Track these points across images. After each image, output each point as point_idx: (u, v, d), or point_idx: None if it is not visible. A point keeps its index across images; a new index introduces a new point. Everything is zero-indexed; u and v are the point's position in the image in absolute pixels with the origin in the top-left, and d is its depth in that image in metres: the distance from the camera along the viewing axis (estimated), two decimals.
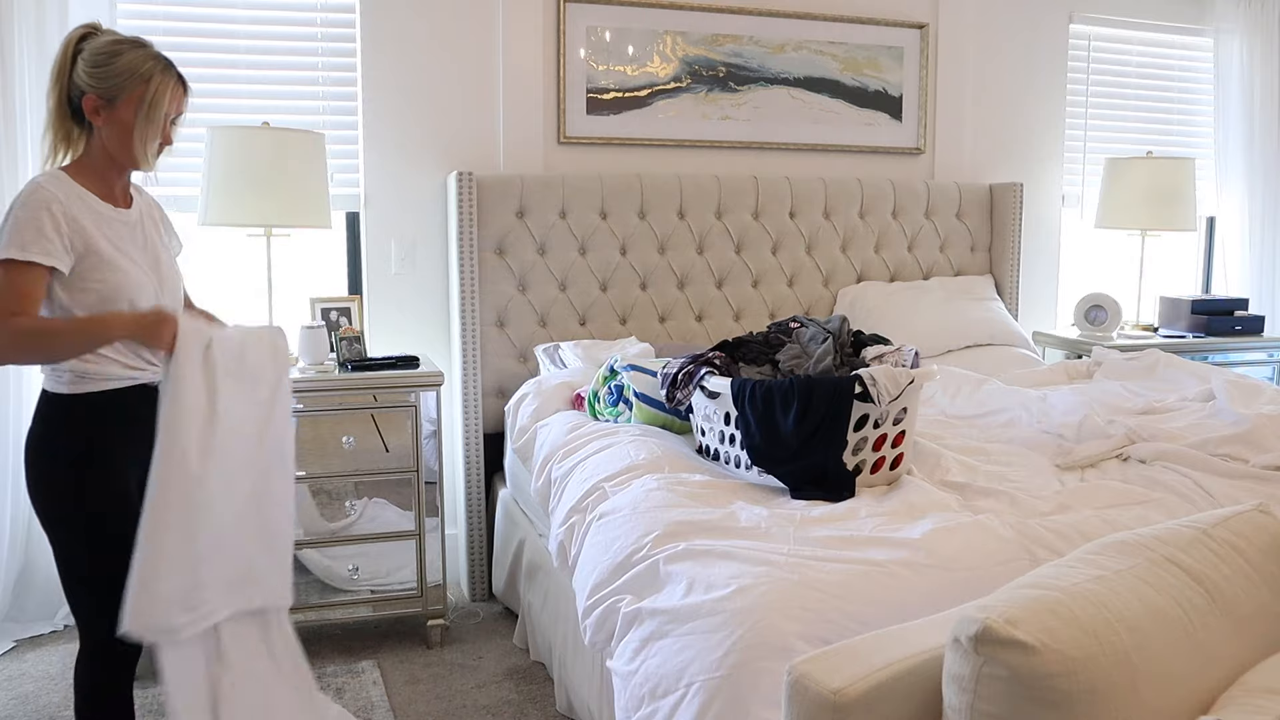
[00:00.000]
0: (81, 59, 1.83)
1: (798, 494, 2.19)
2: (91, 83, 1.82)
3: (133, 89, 1.83)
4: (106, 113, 1.83)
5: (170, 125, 1.92)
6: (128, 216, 1.91)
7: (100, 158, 1.87)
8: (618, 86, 3.62)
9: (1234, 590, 1.32)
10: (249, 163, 2.93)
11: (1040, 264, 4.34)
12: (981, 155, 4.20)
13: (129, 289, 1.84)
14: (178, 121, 1.94)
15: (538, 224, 3.41)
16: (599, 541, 2.09)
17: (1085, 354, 3.77)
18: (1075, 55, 4.35)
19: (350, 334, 3.06)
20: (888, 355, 2.46)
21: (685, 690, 1.66)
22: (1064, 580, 1.21)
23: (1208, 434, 2.52)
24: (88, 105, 1.83)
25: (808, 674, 1.26)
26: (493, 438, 3.39)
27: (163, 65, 1.86)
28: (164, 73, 1.86)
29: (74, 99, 1.85)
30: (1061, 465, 2.47)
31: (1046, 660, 1.09)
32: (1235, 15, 4.39)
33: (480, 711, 2.64)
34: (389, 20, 3.38)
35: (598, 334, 3.50)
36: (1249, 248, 4.47)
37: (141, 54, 1.85)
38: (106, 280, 1.81)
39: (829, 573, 1.77)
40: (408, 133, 3.44)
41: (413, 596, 3.03)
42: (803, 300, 3.79)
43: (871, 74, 3.93)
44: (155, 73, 1.84)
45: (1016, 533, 1.96)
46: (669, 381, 2.53)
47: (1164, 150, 4.42)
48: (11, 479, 3.04)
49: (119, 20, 3.12)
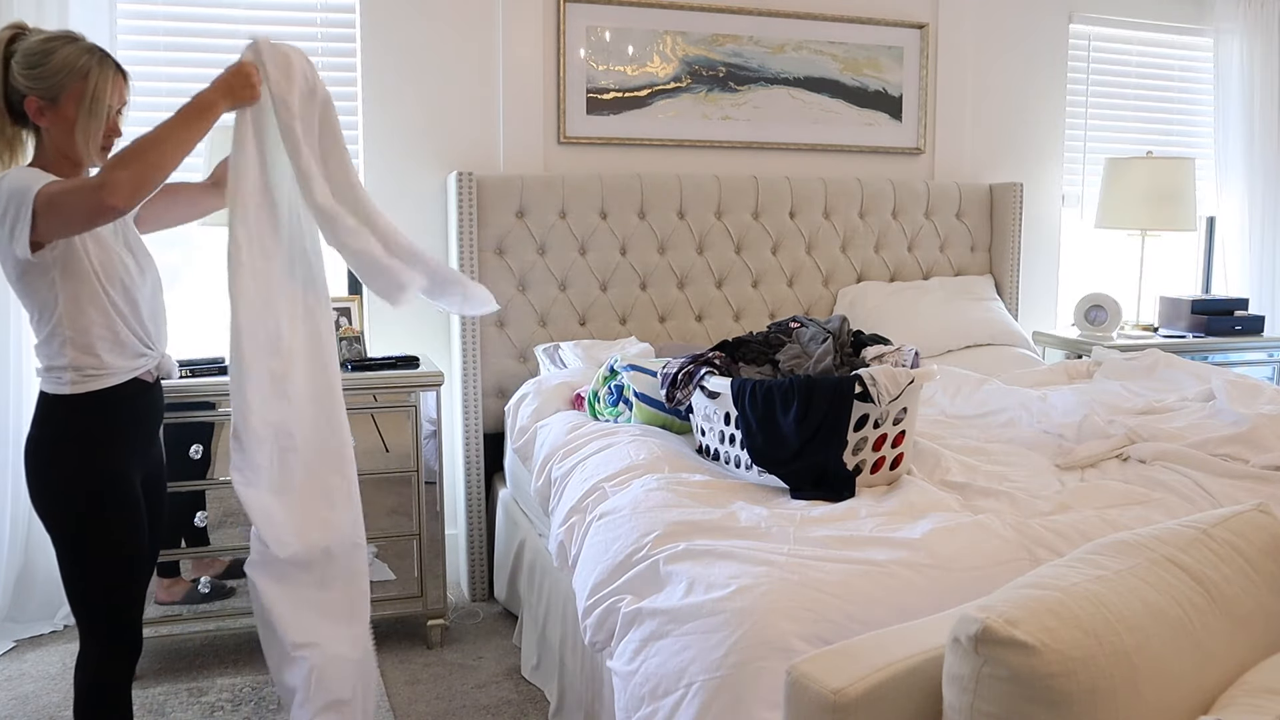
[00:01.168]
0: (15, 61, 1.80)
1: (798, 494, 2.19)
2: (30, 84, 1.79)
3: (72, 85, 1.80)
4: (50, 113, 1.81)
5: (116, 116, 1.89)
6: None
7: (54, 157, 1.85)
8: (618, 86, 3.62)
9: (1234, 590, 1.32)
10: None
11: (1040, 264, 4.34)
12: (981, 155, 4.20)
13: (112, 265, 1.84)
14: (122, 111, 1.91)
15: (538, 224, 3.41)
16: (599, 541, 2.09)
17: (1085, 354, 3.77)
18: (1075, 55, 4.35)
19: (350, 334, 3.06)
20: (888, 355, 2.46)
21: (685, 690, 1.66)
22: (1064, 580, 1.21)
23: (1208, 434, 2.52)
24: (30, 108, 1.81)
25: (808, 674, 1.26)
26: (493, 438, 3.39)
27: (99, 57, 1.83)
28: (101, 64, 1.83)
29: (13, 102, 1.82)
30: (1061, 465, 2.47)
31: (1046, 660, 1.09)
32: (1235, 15, 4.39)
33: (480, 711, 2.64)
34: (389, 20, 3.38)
35: (598, 334, 3.50)
36: (1249, 248, 4.47)
37: (75, 49, 1.81)
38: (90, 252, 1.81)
39: (829, 573, 1.77)
40: (408, 133, 3.45)
41: (413, 596, 3.03)
42: (803, 300, 3.79)
43: (871, 74, 3.93)
44: (92, 66, 1.81)
45: (1016, 533, 1.96)
46: (669, 381, 2.53)
47: (1164, 150, 4.42)
48: (11, 479, 3.04)
49: (119, 20, 3.12)
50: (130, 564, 1.90)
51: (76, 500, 1.84)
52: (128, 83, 1.91)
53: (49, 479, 1.84)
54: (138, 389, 1.92)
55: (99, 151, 1.87)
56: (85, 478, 1.84)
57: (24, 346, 3.01)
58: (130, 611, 1.93)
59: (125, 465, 1.89)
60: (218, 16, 3.26)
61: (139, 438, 1.94)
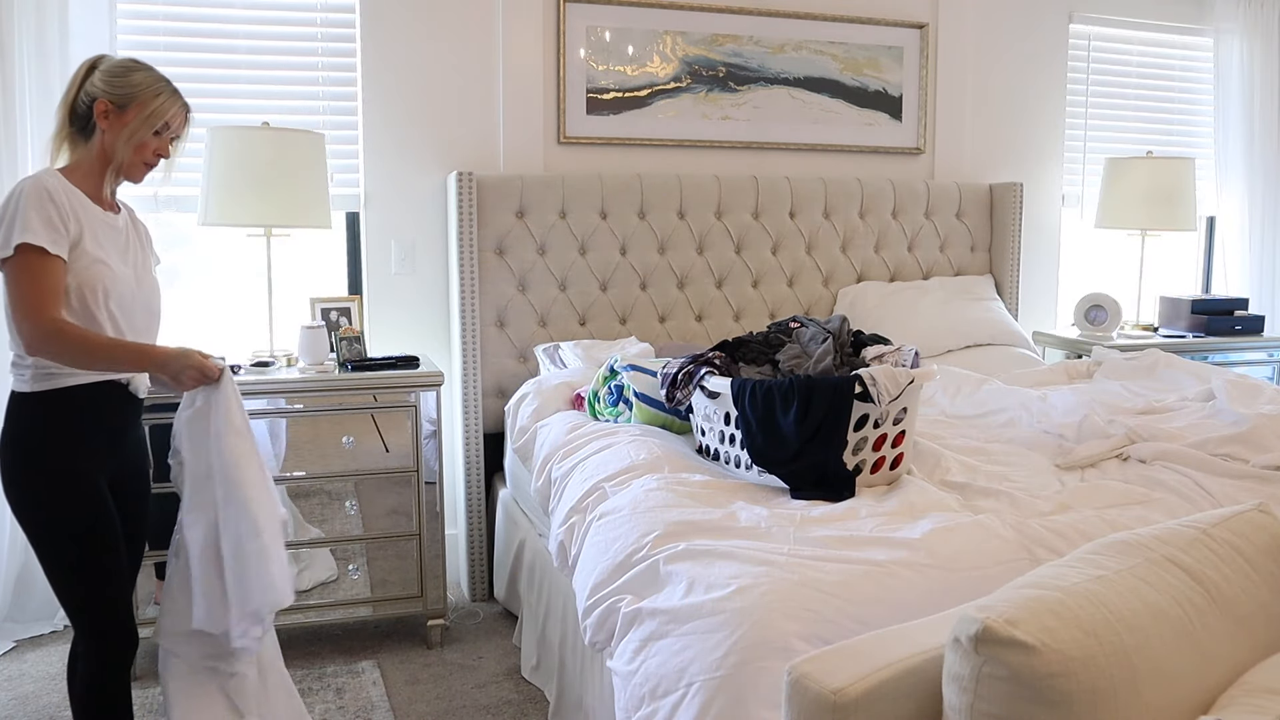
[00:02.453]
0: (99, 70, 1.94)
1: (798, 494, 2.19)
2: (106, 89, 1.92)
3: (143, 99, 1.93)
4: (114, 116, 1.92)
5: (169, 141, 2.01)
6: (115, 221, 1.97)
7: (96, 159, 1.94)
8: (618, 86, 3.62)
9: (1234, 590, 1.32)
10: (249, 163, 2.93)
11: (1040, 264, 4.34)
12: (981, 155, 4.20)
13: (105, 278, 1.88)
14: (175, 141, 2.03)
15: (538, 224, 3.41)
16: (599, 541, 2.09)
17: (1085, 354, 3.77)
18: (1075, 55, 4.35)
19: (350, 334, 3.06)
20: (888, 355, 2.46)
21: (685, 690, 1.66)
22: (1064, 580, 1.21)
23: (1208, 434, 2.52)
24: (99, 109, 1.92)
25: (808, 674, 1.26)
26: (493, 438, 3.39)
27: (173, 89, 1.99)
28: (173, 95, 1.98)
29: (79, 107, 1.94)
30: (1061, 465, 2.47)
31: (1046, 660, 1.09)
32: (1235, 15, 4.39)
33: (480, 711, 2.64)
34: (389, 20, 3.38)
35: (598, 334, 3.50)
36: (1249, 248, 4.47)
37: (155, 75, 1.97)
38: (88, 269, 1.86)
39: (829, 572, 1.77)
40: (408, 133, 3.44)
41: (413, 596, 3.03)
42: (803, 300, 3.79)
43: (871, 74, 3.93)
44: (165, 92, 1.96)
45: (1016, 533, 1.96)
46: (669, 381, 2.53)
47: (1164, 150, 4.42)
48: None
49: (119, 20, 3.13)
50: (99, 561, 1.90)
51: (38, 495, 1.86)
52: (189, 119, 2.04)
53: (13, 476, 1.88)
54: (102, 391, 1.92)
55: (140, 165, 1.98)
56: (42, 475, 1.86)
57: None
58: (111, 606, 1.93)
59: (82, 464, 1.89)
60: (218, 16, 3.26)
61: (99, 438, 1.94)
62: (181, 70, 3.21)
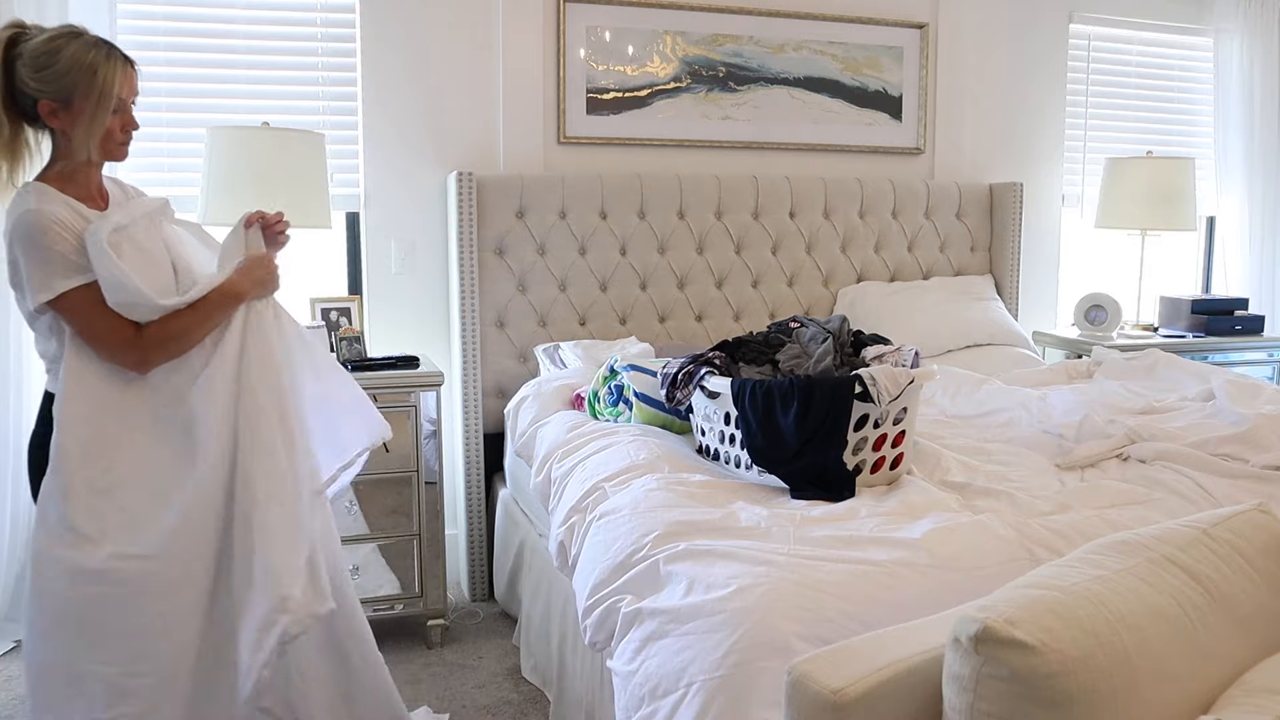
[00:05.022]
0: (21, 65, 1.77)
1: (798, 494, 2.19)
2: (41, 87, 1.76)
3: (83, 84, 1.77)
4: (64, 114, 1.79)
5: (129, 108, 1.87)
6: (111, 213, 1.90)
7: (73, 160, 1.84)
8: (618, 86, 3.62)
9: (1234, 590, 1.32)
10: (249, 163, 2.93)
11: (1040, 264, 4.34)
12: (981, 155, 4.20)
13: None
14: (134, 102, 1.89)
15: (538, 224, 3.41)
16: (599, 541, 2.09)
17: (1085, 354, 3.76)
18: (1075, 55, 4.35)
19: (350, 334, 3.06)
20: (888, 355, 2.46)
21: (685, 690, 1.66)
22: (1064, 580, 1.21)
23: (1208, 434, 2.52)
24: (44, 110, 1.78)
25: (808, 674, 1.26)
26: (493, 438, 3.39)
27: (105, 50, 1.80)
28: (109, 59, 1.80)
29: (20, 105, 1.79)
30: (1061, 465, 2.47)
31: (1046, 660, 1.09)
32: (1235, 15, 4.39)
33: (480, 711, 2.64)
34: (389, 20, 3.38)
35: (598, 334, 3.50)
36: (1249, 248, 4.47)
37: (80, 44, 1.78)
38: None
39: (829, 572, 1.77)
40: (408, 133, 3.44)
41: (413, 596, 3.02)
42: (803, 300, 3.79)
43: (871, 74, 3.93)
44: (100, 61, 1.78)
45: (1016, 533, 1.96)
46: (669, 381, 2.53)
47: (1164, 150, 4.42)
48: (11, 479, 3.04)
49: (119, 20, 3.12)
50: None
51: None
52: (136, 73, 1.88)
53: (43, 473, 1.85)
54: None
55: (118, 146, 1.86)
56: None
57: (25, 346, 3.00)
58: None
59: None
60: (218, 16, 3.26)
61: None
62: (181, 70, 3.23)
